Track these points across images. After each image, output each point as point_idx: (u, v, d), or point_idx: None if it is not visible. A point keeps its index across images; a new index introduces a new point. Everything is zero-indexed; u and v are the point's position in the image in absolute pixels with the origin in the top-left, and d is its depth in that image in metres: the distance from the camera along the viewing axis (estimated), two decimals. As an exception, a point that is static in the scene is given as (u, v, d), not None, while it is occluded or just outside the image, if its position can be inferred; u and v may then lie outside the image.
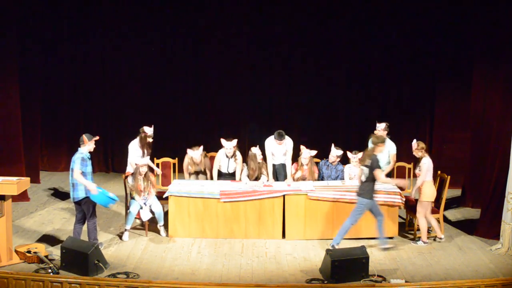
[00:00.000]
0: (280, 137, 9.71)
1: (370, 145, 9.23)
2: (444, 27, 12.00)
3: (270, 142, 9.86)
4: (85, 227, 8.70)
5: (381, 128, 9.90)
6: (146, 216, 9.25)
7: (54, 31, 12.43)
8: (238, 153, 9.90)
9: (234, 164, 9.85)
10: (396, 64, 12.43)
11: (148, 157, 9.67)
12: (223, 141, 9.80)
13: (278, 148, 9.82)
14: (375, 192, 8.75)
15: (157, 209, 9.35)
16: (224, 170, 9.88)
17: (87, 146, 8.56)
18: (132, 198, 9.32)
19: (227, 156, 9.82)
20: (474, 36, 10.63)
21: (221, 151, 9.87)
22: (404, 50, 12.32)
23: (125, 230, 9.30)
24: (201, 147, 9.83)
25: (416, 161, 9.28)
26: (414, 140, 9.20)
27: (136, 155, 9.70)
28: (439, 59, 12.25)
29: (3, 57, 10.47)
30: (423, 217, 9.10)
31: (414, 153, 9.17)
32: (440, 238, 9.23)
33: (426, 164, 9.05)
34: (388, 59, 12.42)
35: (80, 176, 8.34)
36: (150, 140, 9.81)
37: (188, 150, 9.83)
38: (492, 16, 9.77)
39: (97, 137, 8.69)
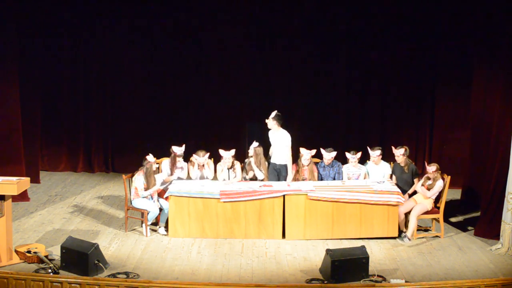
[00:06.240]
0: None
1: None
2: (444, 27, 11.98)
3: (270, 132, 9.96)
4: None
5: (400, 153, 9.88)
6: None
7: (54, 30, 12.40)
8: (237, 163, 9.91)
9: (234, 175, 9.86)
10: (396, 64, 12.40)
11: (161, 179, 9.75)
12: (221, 151, 9.81)
13: (273, 138, 9.84)
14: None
15: (166, 205, 9.45)
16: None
17: None
18: (144, 197, 9.40)
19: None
20: (475, 37, 10.62)
21: (219, 164, 9.90)
22: (404, 50, 12.29)
23: (160, 227, 9.52)
24: (207, 154, 9.89)
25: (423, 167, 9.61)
26: (432, 166, 9.46)
27: (166, 173, 9.79)
28: (439, 60, 12.22)
29: (3, 57, 10.46)
30: (416, 217, 9.25)
31: (430, 174, 9.43)
32: (409, 239, 9.29)
33: (440, 187, 9.39)
34: (388, 59, 12.39)
35: None
36: (180, 159, 9.83)
37: (194, 155, 9.87)
38: (493, 16, 9.77)
39: None
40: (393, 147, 9.87)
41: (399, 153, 9.75)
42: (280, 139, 9.83)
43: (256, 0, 12.36)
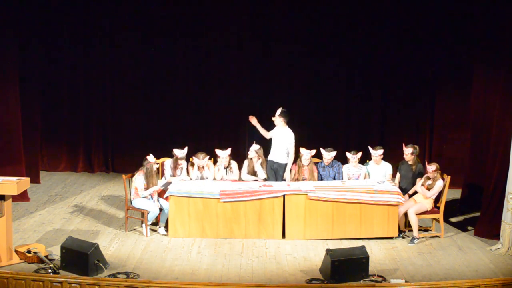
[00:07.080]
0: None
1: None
2: (444, 26, 11.98)
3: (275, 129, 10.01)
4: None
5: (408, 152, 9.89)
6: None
7: (54, 30, 12.42)
8: (233, 162, 9.93)
9: (231, 174, 9.87)
10: (396, 63, 12.40)
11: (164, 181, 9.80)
12: (217, 151, 9.82)
13: (276, 135, 9.84)
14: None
15: (166, 205, 9.46)
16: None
17: None
18: (144, 197, 9.42)
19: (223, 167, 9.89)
20: (474, 36, 10.62)
21: (215, 164, 9.92)
22: (404, 50, 12.29)
23: (160, 227, 9.52)
24: (207, 157, 9.88)
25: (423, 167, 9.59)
26: (432, 165, 9.42)
27: (168, 174, 9.83)
28: (439, 59, 12.22)
29: (3, 57, 10.46)
30: (414, 213, 9.25)
31: (429, 174, 9.41)
32: (417, 238, 9.28)
33: (440, 186, 9.37)
34: (388, 59, 12.39)
35: None
36: (181, 162, 9.85)
37: (194, 159, 9.87)
38: (493, 16, 9.77)
39: None
40: (403, 144, 9.89)
41: (408, 152, 9.77)
42: (283, 137, 9.84)
43: (256, 1, 12.36)
